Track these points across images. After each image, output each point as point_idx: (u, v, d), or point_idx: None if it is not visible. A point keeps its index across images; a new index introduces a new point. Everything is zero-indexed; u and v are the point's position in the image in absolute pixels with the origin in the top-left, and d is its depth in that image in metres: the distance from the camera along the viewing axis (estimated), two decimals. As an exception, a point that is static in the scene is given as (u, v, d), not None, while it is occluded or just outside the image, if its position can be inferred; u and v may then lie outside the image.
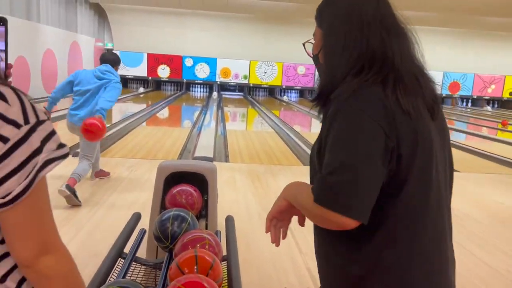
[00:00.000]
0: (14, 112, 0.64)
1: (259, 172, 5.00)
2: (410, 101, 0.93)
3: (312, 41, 1.11)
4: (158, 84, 18.68)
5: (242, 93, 19.01)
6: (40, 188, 0.68)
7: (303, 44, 1.16)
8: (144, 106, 13.61)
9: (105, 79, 3.84)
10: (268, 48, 18.49)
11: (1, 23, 0.82)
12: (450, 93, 19.52)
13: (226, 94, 18.50)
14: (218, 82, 18.70)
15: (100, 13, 17.45)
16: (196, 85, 18.73)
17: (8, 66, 0.82)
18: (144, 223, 2.48)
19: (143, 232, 2.30)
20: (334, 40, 1.01)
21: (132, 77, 18.16)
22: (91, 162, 3.87)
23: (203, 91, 18.60)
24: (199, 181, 2.46)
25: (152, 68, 18.14)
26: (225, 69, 18.69)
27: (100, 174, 4.30)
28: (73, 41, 14.36)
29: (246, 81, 18.90)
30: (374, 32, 0.98)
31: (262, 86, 19.15)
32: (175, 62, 18.27)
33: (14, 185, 0.64)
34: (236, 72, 18.74)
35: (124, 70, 17.93)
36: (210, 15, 17.13)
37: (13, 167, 0.64)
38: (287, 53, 18.60)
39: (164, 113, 12.12)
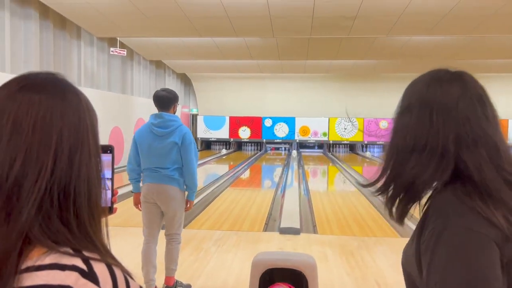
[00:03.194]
0: None
1: (352, 246, 4.62)
2: None
3: None
4: (239, 145, 19.18)
5: (321, 150, 18.82)
6: None
7: None
8: (227, 167, 13.92)
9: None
10: (347, 105, 18.33)
11: (108, 151, 0.81)
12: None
13: (306, 152, 18.39)
14: (297, 141, 18.72)
15: (186, 81, 18.69)
16: (275, 144, 18.95)
17: (113, 193, 0.81)
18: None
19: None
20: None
21: (215, 139, 18.88)
22: (180, 241, 3.39)
23: (283, 150, 18.71)
24: (297, 276, 2.23)
25: (233, 130, 18.74)
26: (304, 127, 18.72)
27: None
28: (161, 109, 15.36)
29: (325, 138, 18.71)
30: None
31: (343, 142, 18.79)
32: (255, 123, 18.74)
33: None
34: (315, 129, 18.68)
35: (208, 133, 18.76)
36: (288, 77, 17.54)
37: None
38: (367, 108, 18.27)
39: (246, 174, 12.23)
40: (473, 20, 8.31)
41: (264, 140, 18.82)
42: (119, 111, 11.65)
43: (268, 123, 18.75)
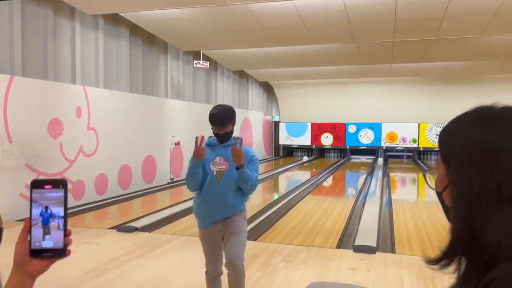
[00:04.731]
0: None
1: (433, 270, 4.24)
2: None
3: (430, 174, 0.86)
4: (321, 151, 18.90)
5: (410, 157, 17.80)
6: None
7: (423, 175, 0.90)
8: (308, 174, 13.78)
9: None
10: (439, 109, 17.10)
11: (60, 186, 0.76)
12: None
13: (393, 160, 17.53)
14: (384, 147, 17.92)
15: (268, 90, 18.92)
16: (360, 151, 18.32)
17: (66, 234, 0.76)
18: None
19: None
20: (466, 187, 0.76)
21: (297, 146, 18.82)
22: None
23: (366, 158, 18.01)
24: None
25: (315, 136, 18.53)
26: (391, 133, 17.86)
27: None
28: (245, 117, 15.72)
29: (415, 145, 17.66)
30: None
31: (435, 149, 17.57)
32: (338, 129, 18.33)
33: None
34: (403, 136, 17.73)
35: (290, 140, 18.77)
36: (373, 81, 16.89)
37: None
38: (462, 112, 16.90)
39: (328, 181, 11.99)
40: None
41: (348, 147, 18.32)
42: (203, 121, 12.11)
43: (352, 129, 18.23)
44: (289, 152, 19.24)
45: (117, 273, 4.15)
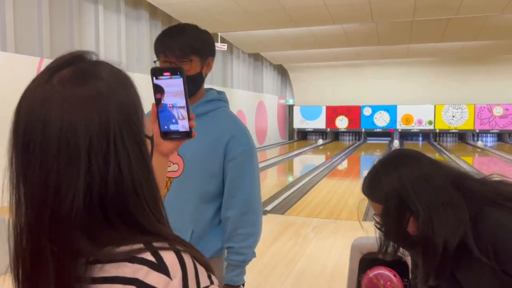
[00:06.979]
0: (174, 287, 0.54)
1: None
2: None
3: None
4: (336, 135, 18.93)
5: (427, 140, 17.78)
6: None
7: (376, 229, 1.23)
8: (323, 157, 13.86)
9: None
10: (455, 90, 16.97)
11: (178, 73, 0.74)
12: None
13: (409, 142, 17.52)
14: (399, 130, 17.89)
15: (282, 72, 18.92)
16: (375, 134, 18.31)
17: (190, 118, 0.78)
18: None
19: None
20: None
21: (312, 129, 18.86)
22: None
23: (382, 140, 17.99)
24: (397, 263, 2.19)
25: (330, 119, 18.54)
26: (407, 115, 17.80)
27: None
28: (260, 101, 15.78)
29: (431, 127, 17.60)
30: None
31: (451, 131, 17.51)
32: (353, 112, 18.31)
33: None
34: (419, 118, 17.66)
35: (304, 123, 18.81)
36: (389, 63, 16.78)
37: None
38: (479, 94, 16.74)
39: (344, 164, 12.06)
40: None
41: (363, 130, 18.32)
42: (220, 103, 12.23)
43: (367, 112, 18.20)
44: (304, 135, 19.29)
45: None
